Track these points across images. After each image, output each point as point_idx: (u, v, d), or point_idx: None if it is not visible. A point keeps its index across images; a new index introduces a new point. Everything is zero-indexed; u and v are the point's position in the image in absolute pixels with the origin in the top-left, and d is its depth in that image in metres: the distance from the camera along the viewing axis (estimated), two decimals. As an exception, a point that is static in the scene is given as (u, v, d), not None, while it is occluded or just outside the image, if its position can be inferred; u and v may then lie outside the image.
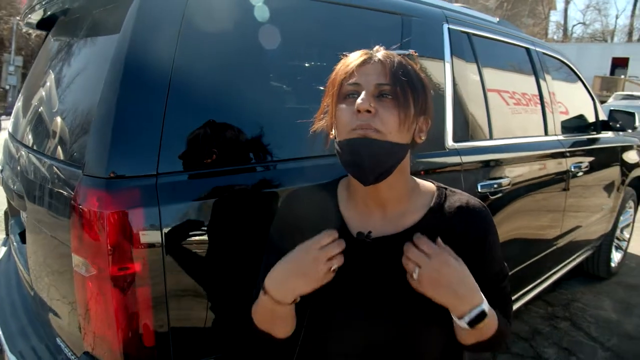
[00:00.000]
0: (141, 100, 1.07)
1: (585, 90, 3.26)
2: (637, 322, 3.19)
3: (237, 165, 1.22)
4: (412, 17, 1.71)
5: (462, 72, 1.92)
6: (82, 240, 1.05)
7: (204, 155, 1.16)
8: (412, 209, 0.99)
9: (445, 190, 1.03)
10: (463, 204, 0.99)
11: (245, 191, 1.22)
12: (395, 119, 0.87)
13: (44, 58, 1.81)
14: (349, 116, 0.88)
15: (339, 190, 1.05)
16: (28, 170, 1.49)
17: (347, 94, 0.90)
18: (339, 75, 0.92)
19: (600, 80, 21.94)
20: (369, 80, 0.88)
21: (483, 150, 1.97)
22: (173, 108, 1.09)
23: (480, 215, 0.99)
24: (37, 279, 1.50)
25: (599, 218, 3.30)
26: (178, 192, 1.10)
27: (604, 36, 37.40)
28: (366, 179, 0.91)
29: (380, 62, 0.89)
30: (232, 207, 1.19)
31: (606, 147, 3.23)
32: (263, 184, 1.25)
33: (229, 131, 1.22)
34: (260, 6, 1.28)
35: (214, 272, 1.18)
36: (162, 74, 1.09)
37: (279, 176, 1.28)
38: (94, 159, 1.06)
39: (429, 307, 0.91)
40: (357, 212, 1.00)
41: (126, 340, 1.06)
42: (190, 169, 1.14)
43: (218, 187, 1.17)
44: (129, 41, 1.08)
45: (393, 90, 0.87)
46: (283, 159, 1.31)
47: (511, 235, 2.17)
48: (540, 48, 2.67)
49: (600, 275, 3.83)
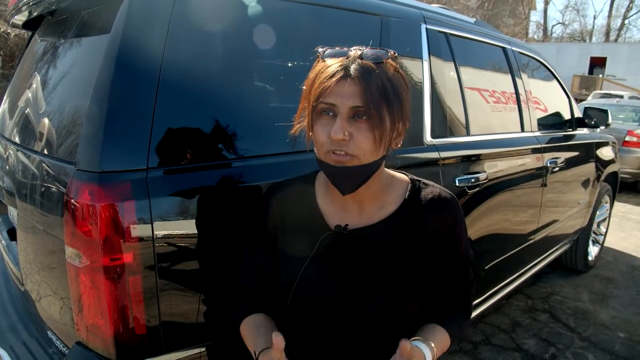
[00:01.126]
0: (132, 96, 1.11)
1: (560, 88, 3.33)
2: (612, 313, 3.29)
3: (223, 160, 1.26)
4: (390, 17, 1.75)
5: (440, 71, 1.97)
6: (75, 233, 1.08)
7: (193, 149, 1.20)
8: (388, 202, 1.05)
9: (419, 182, 1.09)
10: (435, 195, 1.05)
11: (230, 185, 1.26)
12: (370, 141, 0.90)
13: (31, 57, 1.82)
14: (324, 137, 0.91)
15: (316, 184, 1.10)
16: (18, 168, 1.51)
17: (323, 111, 0.92)
18: (315, 88, 0.92)
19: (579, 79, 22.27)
20: (344, 103, 0.89)
21: (461, 146, 2.03)
22: (162, 104, 1.13)
23: (451, 206, 1.06)
24: (28, 275, 1.52)
25: (575, 213, 3.38)
26: (168, 186, 1.14)
27: (582, 36, 38.00)
28: (344, 192, 0.96)
29: (355, 81, 0.89)
30: (219, 200, 1.23)
31: (581, 144, 3.31)
32: (251, 178, 1.29)
33: (216, 126, 1.26)
34: (244, 7, 1.32)
35: (204, 263, 1.22)
36: (151, 72, 1.13)
37: (268, 170, 1.33)
38: (86, 154, 1.09)
39: (403, 287, 1.00)
40: (335, 205, 1.05)
41: (118, 328, 1.10)
42: (179, 163, 1.17)
43: (206, 180, 1.21)
44: (120, 40, 1.12)
45: (367, 112, 0.89)
46: (272, 154, 1.35)
47: (489, 229, 2.23)
48: (516, 47, 2.74)
49: (578, 268, 3.92)
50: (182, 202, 1.16)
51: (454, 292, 1.11)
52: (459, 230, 1.06)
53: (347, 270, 1.01)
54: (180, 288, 1.19)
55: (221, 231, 1.24)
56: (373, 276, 1.01)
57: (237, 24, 1.33)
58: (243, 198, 1.28)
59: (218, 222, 1.23)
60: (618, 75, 23.44)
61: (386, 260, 1.01)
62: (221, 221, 1.24)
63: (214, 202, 1.22)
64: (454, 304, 1.12)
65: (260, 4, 1.35)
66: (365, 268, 1.01)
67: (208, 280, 1.24)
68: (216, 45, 1.28)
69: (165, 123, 1.14)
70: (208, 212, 1.20)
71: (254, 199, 1.29)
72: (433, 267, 1.05)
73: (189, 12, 1.21)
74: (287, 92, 1.42)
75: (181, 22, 1.19)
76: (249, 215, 1.16)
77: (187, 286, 1.20)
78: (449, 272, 1.08)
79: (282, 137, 1.36)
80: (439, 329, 1.05)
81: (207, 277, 1.24)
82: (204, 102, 1.24)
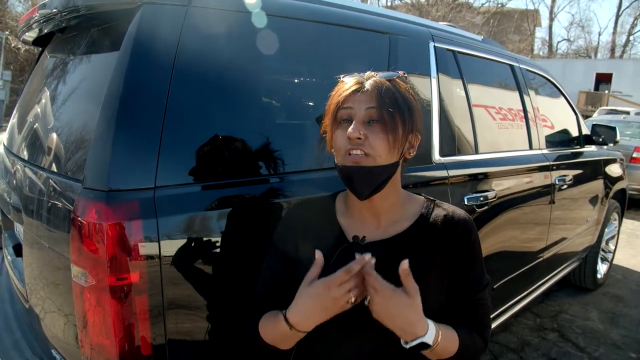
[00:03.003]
0: (140, 114, 1.11)
1: (568, 105, 3.32)
2: (623, 332, 3.23)
3: (232, 178, 1.26)
4: (399, 35, 1.76)
5: (448, 89, 1.97)
6: (82, 251, 1.07)
7: (201, 168, 1.20)
8: (403, 218, 1.09)
9: (434, 202, 1.13)
10: (449, 214, 1.09)
11: (241, 203, 1.25)
12: (384, 143, 0.98)
13: (41, 73, 1.83)
14: (343, 141, 1.01)
15: (337, 202, 1.16)
16: (25, 184, 1.50)
17: (342, 119, 1.02)
18: (334, 100, 1.04)
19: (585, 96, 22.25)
20: (360, 106, 0.99)
21: (469, 164, 2.02)
22: (171, 122, 1.13)
23: (465, 225, 1.08)
24: (33, 291, 1.51)
25: (584, 230, 3.34)
26: (175, 205, 1.13)
27: (587, 52, 38.08)
28: (361, 195, 1.02)
29: (369, 91, 1.00)
30: (227, 219, 1.22)
31: (590, 161, 3.29)
32: (261, 197, 1.29)
33: (226, 145, 1.25)
34: (254, 26, 1.33)
35: (212, 283, 1.21)
36: (160, 89, 1.13)
37: (275, 188, 1.32)
38: (93, 172, 1.09)
39: None
40: (354, 221, 1.10)
41: (123, 349, 1.08)
42: (187, 182, 1.17)
43: (214, 199, 1.20)
44: (129, 58, 1.12)
45: (380, 115, 0.98)
46: (281, 172, 1.35)
47: (498, 247, 2.21)
48: (523, 65, 2.73)
49: (587, 286, 3.87)
50: (189, 221, 1.15)
51: (472, 313, 1.07)
52: (474, 251, 1.07)
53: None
54: (187, 308, 1.17)
55: (230, 250, 1.22)
56: None
57: (246, 43, 1.33)
58: (252, 217, 1.27)
59: (227, 241, 1.22)
60: (624, 91, 23.42)
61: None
62: (230, 240, 1.22)
63: (223, 221, 1.21)
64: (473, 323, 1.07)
65: (270, 22, 1.35)
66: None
67: (216, 300, 1.22)
68: (226, 62, 1.28)
69: (174, 141, 1.14)
70: (216, 231, 1.19)
71: (263, 217, 1.28)
72: (447, 286, 1.05)
73: (198, 28, 1.21)
74: (297, 111, 1.42)
75: (191, 38, 1.20)
76: (263, 235, 1.17)
77: (195, 306, 1.19)
78: (463, 293, 1.06)
79: (292, 155, 1.37)
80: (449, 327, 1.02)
81: (215, 297, 1.22)
82: (214, 120, 1.24)
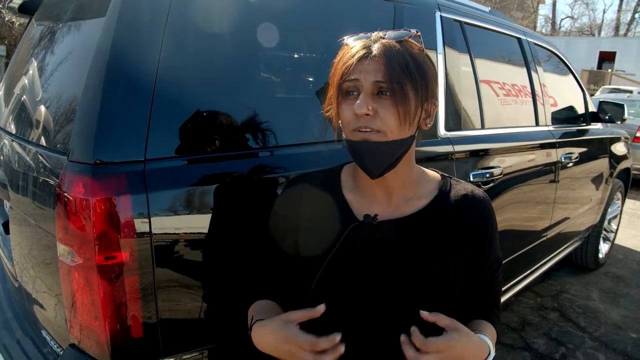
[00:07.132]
0: (128, 82, 1.04)
1: (575, 81, 3.25)
2: (623, 312, 3.22)
3: (227, 152, 1.20)
4: (404, 4, 1.68)
5: (455, 61, 1.90)
6: (68, 229, 1.02)
7: (194, 140, 1.14)
8: (418, 196, 1.01)
9: (450, 179, 1.06)
10: (468, 193, 1.02)
11: (236, 178, 1.20)
12: (395, 117, 0.88)
13: (27, 44, 1.76)
14: (350, 116, 0.90)
15: (342, 175, 1.06)
16: (11, 159, 1.45)
17: (348, 90, 0.91)
18: (338, 70, 0.92)
19: (587, 74, 22.04)
20: (367, 77, 0.88)
21: (475, 140, 1.96)
22: (162, 90, 1.06)
23: (484, 204, 1.02)
24: (22, 270, 1.46)
25: (588, 209, 3.31)
26: (167, 179, 1.07)
27: (591, 30, 37.65)
28: (372, 174, 0.93)
29: (377, 58, 0.88)
30: (222, 194, 1.16)
31: (595, 139, 3.24)
32: (256, 171, 1.23)
33: (219, 117, 1.19)
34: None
35: (205, 262, 1.16)
36: (150, 55, 1.06)
37: (273, 162, 1.27)
38: (79, 144, 1.03)
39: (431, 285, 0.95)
40: (363, 197, 1.01)
41: (113, 331, 1.03)
42: (180, 155, 1.11)
43: (208, 174, 1.15)
44: (115, 25, 1.05)
45: (390, 87, 0.87)
46: (274, 145, 1.29)
47: (503, 226, 2.16)
48: (531, 38, 2.66)
49: (589, 266, 3.87)
50: (182, 196, 1.09)
51: (487, 292, 1.07)
52: (491, 230, 1.02)
53: (375, 263, 0.96)
54: (180, 288, 1.12)
55: (224, 227, 1.17)
56: (402, 272, 0.95)
57: (243, 11, 1.26)
58: (248, 192, 1.21)
59: (221, 217, 1.16)
60: (627, 70, 23.22)
61: (416, 255, 0.96)
62: (224, 216, 1.17)
63: (217, 196, 1.15)
64: (488, 303, 1.08)
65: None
66: (394, 262, 0.96)
67: (210, 279, 1.18)
68: (219, 32, 1.21)
69: (166, 110, 1.07)
70: (210, 207, 1.14)
71: (259, 192, 1.22)
72: (465, 266, 1.00)
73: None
74: (296, 83, 1.36)
75: (182, 6, 1.12)
76: (258, 211, 1.10)
77: (188, 286, 1.14)
78: (480, 275, 1.03)
79: (287, 129, 1.30)
80: (487, 323, 1.02)
81: (208, 277, 1.17)
82: (209, 89, 1.17)
